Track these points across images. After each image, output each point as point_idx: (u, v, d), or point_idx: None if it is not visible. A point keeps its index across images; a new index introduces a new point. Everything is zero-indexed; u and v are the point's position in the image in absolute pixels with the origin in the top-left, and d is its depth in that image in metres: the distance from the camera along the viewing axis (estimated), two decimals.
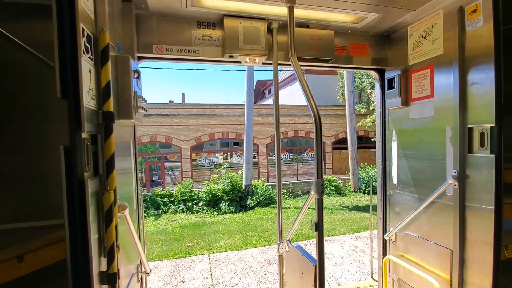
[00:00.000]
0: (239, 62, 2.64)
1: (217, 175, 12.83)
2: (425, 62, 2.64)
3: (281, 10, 2.45)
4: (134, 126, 2.46)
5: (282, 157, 2.91)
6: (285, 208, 11.67)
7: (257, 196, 12.17)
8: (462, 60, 2.28)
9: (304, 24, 2.73)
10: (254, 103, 17.93)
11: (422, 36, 2.65)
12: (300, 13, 2.51)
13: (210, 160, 18.22)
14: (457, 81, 2.30)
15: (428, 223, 2.70)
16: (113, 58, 1.73)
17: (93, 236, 1.38)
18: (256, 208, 11.69)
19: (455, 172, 2.33)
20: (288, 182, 14.47)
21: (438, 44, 2.50)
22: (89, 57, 1.40)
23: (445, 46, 2.44)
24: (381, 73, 3.16)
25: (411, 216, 2.78)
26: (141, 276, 2.41)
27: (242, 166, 13.01)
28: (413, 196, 2.87)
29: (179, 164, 17.08)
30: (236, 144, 18.77)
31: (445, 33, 2.43)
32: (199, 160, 18.00)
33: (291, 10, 2.22)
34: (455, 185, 2.34)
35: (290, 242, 2.61)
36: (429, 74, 2.60)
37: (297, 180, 16.91)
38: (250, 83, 13.00)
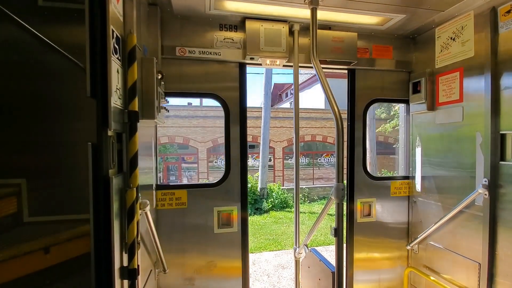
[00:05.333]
0: (260, 64, 2.65)
1: None
2: (454, 65, 2.53)
3: (303, 12, 2.43)
4: (155, 126, 2.52)
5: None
6: (300, 212, 11.50)
7: (272, 200, 12.11)
8: (495, 63, 2.17)
9: (326, 26, 2.70)
10: (271, 106, 17.94)
11: (451, 38, 2.54)
12: (322, 15, 2.48)
13: None
14: (489, 85, 2.18)
15: (454, 234, 2.56)
16: (139, 60, 1.78)
17: (116, 232, 1.42)
18: (270, 212, 11.62)
19: (486, 181, 2.21)
20: (304, 187, 14.30)
21: (468, 47, 2.39)
22: (117, 58, 1.45)
23: (476, 49, 2.33)
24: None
25: (436, 225, 2.66)
26: (158, 274, 2.44)
27: (258, 169, 13.01)
28: (438, 204, 2.74)
29: (196, 165, 17.33)
30: (252, 147, 18.80)
31: (476, 35, 2.32)
32: (215, 162, 18.17)
33: (313, 12, 2.20)
34: (485, 194, 2.21)
35: (307, 247, 2.56)
36: (458, 77, 2.49)
37: (313, 184, 16.67)
38: (267, 86, 13.02)
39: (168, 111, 2.39)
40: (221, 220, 2.69)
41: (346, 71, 2.96)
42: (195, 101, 18.72)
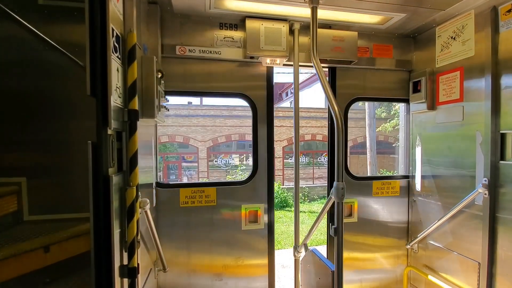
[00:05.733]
0: (260, 63, 2.65)
1: (232, 176, 12.89)
2: (454, 64, 2.53)
3: (304, 11, 2.42)
4: (155, 125, 2.52)
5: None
6: (300, 212, 11.50)
7: None
8: (495, 62, 2.17)
9: (326, 25, 2.69)
10: None
11: (451, 37, 2.54)
12: (323, 14, 2.47)
13: (226, 161, 18.36)
14: (489, 84, 2.18)
15: (454, 234, 2.57)
16: (139, 58, 1.78)
17: (116, 230, 1.42)
18: None
19: (486, 181, 2.20)
20: (304, 186, 14.30)
21: (468, 46, 2.38)
22: (117, 57, 1.44)
23: (476, 48, 2.32)
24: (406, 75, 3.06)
25: (435, 225, 2.66)
26: (158, 273, 2.45)
27: None
28: (438, 204, 2.74)
29: (196, 164, 17.32)
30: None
31: (476, 34, 2.32)
32: (215, 161, 18.18)
33: (314, 11, 2.20)
34: (485, 194, 2.21)
35: (307, 246, 2.56)
36: (459, 76, 2.48)
37: (313, 184, 16.68)
38: None
39: (168, 110, 2.39)
40: (248, 217, 2.76)
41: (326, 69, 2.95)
42: (195, 100, 18.70)
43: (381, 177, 3.13)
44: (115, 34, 1.40)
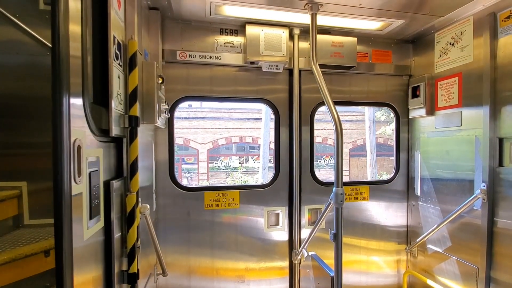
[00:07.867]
0: (260, 68, 2.66)
1: (232, 179, 12.89)
2: (453, 70, 2.54)
3: (303, 17, 2.44)
4: (155, 129, 2.53)
5: None
6: None
7: None
8: (494, 68, 2.18)
9: (326, 31, 2.71)
10: None
11: (450, 43, 2.56)
12: (322, 20, 2.49)
13: (226, 163, 18.34)
14: (488, 90, 2.20)
15: (452, 238, 2.57)
16: (140, 64, 1.79)
17: (116, 236, 1.42)
18: None
19: (484, 186, 2.21)
20: None
21: (467, 52, 2.40)
22: (119, 64, 1.46)
23: (475, 54, 2.34)
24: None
25: (434, 229, 2.66)
26: (158, 277, 2.45)
27: (258, 171, 13.03)
28: (437, 208, 2.74)
29: (196, 166, 17.31)
30: (252, 148, 18.79)
31: (475, 40, 2.34)
32: (215, 163, 18.16)
33: (313, 18, 2.22)
34: (484, 199, 2.22)
35: (306, 251, 2.57)
36: (457, 82, 2.50)
37: None
38: None
39: (169, 115, 2.40)
40: (270, 220, 2.81)
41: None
42: (195, 103, 18.72)
43: (349, 183, 3.05)
44: (116, 41, 1.41)
